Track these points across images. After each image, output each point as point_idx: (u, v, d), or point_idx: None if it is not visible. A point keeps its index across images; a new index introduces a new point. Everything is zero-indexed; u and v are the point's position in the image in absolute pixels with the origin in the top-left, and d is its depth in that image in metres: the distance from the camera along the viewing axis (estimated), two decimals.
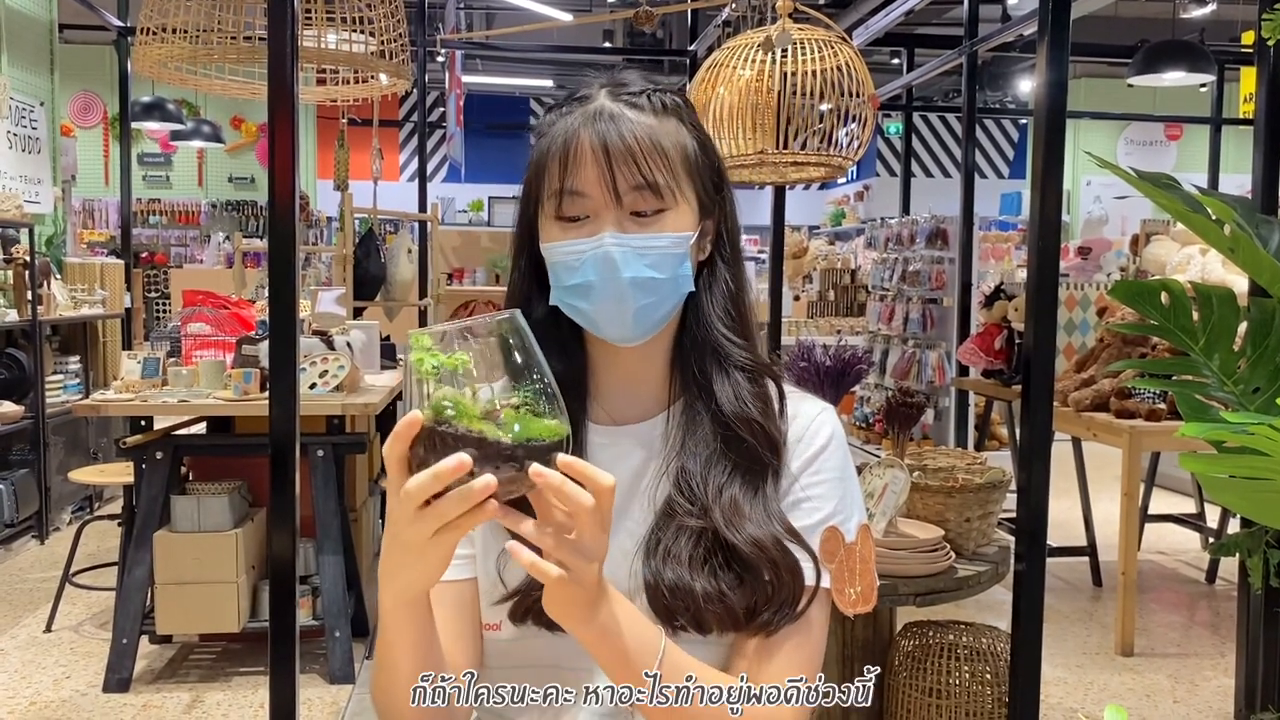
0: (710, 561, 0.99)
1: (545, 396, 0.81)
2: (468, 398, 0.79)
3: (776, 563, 0.99)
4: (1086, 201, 12.02)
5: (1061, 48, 2.08)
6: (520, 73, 12.50)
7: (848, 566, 1.04)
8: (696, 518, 1.00)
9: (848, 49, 2.79)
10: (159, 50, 3.09)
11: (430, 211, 6.07)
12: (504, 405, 0.80)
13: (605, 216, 1.00)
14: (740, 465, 1.03)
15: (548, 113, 1.06)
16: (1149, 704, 3.40)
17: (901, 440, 2.80)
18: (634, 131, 1.00)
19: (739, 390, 1.05)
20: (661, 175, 1.00)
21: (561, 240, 1.01)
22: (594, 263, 0.99)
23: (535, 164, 1.04)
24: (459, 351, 0.80)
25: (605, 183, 0.99)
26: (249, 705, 3.30)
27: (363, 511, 4.35)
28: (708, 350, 1.06)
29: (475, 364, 0.80)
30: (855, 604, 1.03)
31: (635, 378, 1.09)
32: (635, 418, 1.09)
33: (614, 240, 0.99)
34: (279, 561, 2.07)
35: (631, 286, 1.00)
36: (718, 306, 1.07)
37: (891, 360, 6.72)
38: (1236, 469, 1.28)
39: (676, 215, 1.02)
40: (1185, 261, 4.86)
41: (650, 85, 1.05)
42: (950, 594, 2.35)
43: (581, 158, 0.99)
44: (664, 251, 1.01)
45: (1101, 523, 4.86)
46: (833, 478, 1.07)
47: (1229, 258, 1.41)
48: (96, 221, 10.76)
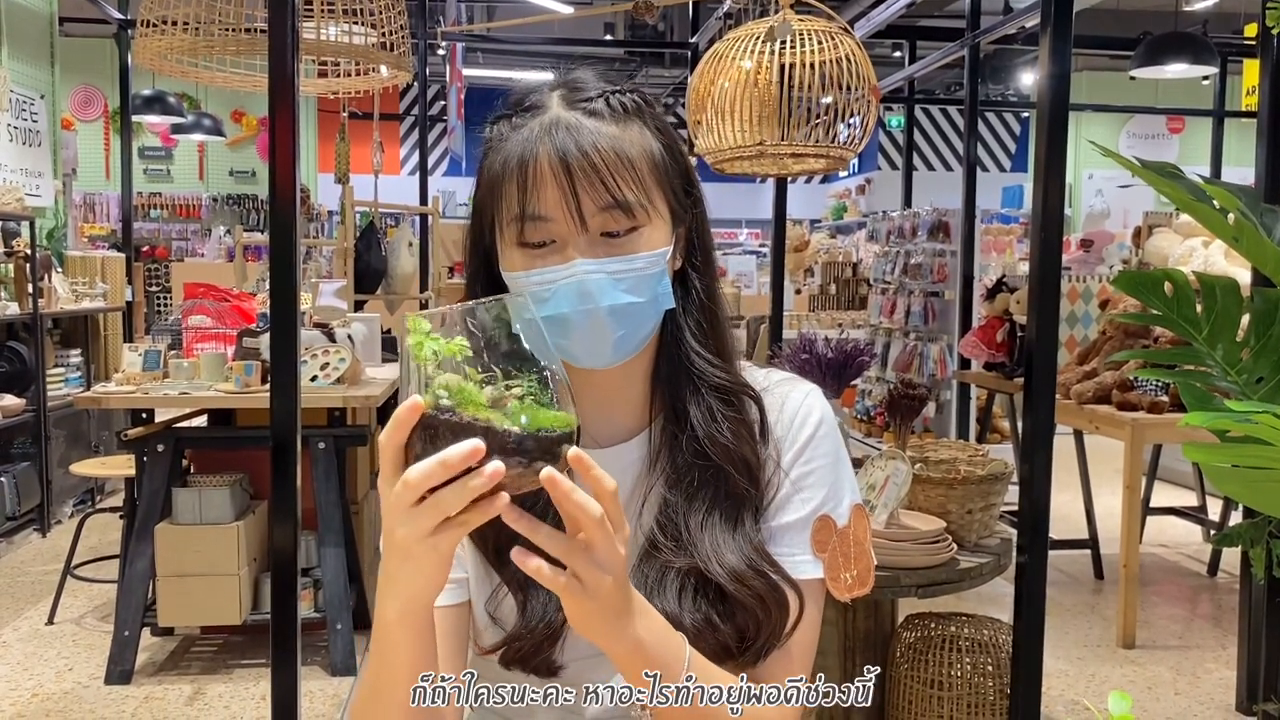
0: (697, 597, 0.96)
1: (551, 384, 0.76)
2: (471, 384, 0.74)
3: (762, 596, 0.96)
4: (1088, 195, 11.99)
5: (1064, 40, 2.08)
6: (521, 66, 12.48)
7: (841, 552, 1.02)
8: (681, 556, 0.97)
9: (850, 40, 2.78)
10: (159, 42, 3.08)
11: (431, 205, 6.06)
12: (509, 394, 0.74)
13: (573, 241, 0.92)
14: (719, 495, 0.98)
15: (494, 122, 0.98)
16: (1150, 696, 3.40)
17: (903, 433, 2.79)
18: (596, 144, 0.91)
19: (714, 413, 0.99)
20: (631, 191, 0.92)
21: (527, 269, 0.93)
22: (567, 293, 0.92)
23: (487, 183, 0.96)
24: (459, 336, 0.75)
25: (569, 206, 0.91)
26: (251, 697, 3.31)
27: (364, 504, 4.36)
28: (681, 371, 1.01)
29: (476, 350, 0.75)
30: (851, 589, 1.02)
31: (613, 399, 1.03)
32: (614, 439, 1.03)
33: (587, 268, 0.91)
34: (281, 553, 2.07)
35: (610, 315, 0.92)
36: (691, 323, 1.01)
37: (893, 353, 6.72)
38: (1240, 458, 1.28)
39: (651, 231, 0.94)
40: (1188, 254, 4.85)
41: (607, 86, 0.97)
42: (952, 586, 2.35)
43: (541, 178, 0.91)
44: (641, 274, 0.93)
45: (1103, 515, 4.86)
46: (824, 464, 1.03)
47: (1233, 247, 1.40)
48: (97, 215, 10.75)
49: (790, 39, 2.68)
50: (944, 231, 6.33)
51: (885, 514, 2.32)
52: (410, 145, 13.18)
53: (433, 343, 0.74)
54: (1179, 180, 1.36)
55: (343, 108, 5.35)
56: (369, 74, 3.65)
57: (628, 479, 1.01)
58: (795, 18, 2.72)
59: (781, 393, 1.05)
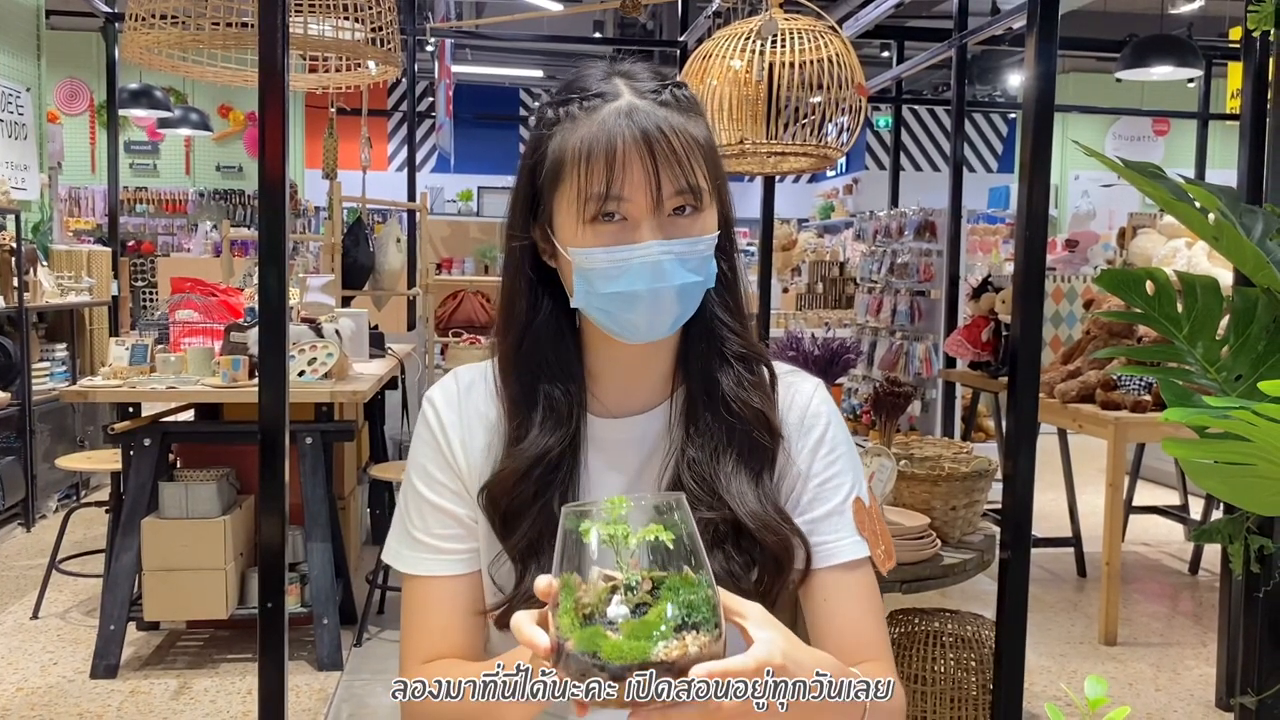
0: (723, 546, 1.01)
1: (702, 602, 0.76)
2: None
3: (781, 541, 1.02)
4: (1074, 196, 12.06)
5: (1050, 40, 2.09)
6: (510, 63, 12.48)
7: (871, 529, 1.08)
8: (710, 507, 1.01)
9: (838, 40, 2.80)
10: (147, 36, 3.08)
11: (419, 201, 6.06)
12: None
13: (646, 221, 0.97)
14: (744, 452, 1.04)
15: (558, 107, 1.01)
16: (1131, 692, 3.44)
17: (889, 430, 2.82)
18: (674, 130, 0.97)
19: (740, 378, 1.06)
20: (700, 176, 0.98)
21: (599, 246, 0.97)
22: (641, 271, 0.96)
23: (558, 159, 0.99)
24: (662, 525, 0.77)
25: (650, 187, 0.95)
26: (237, 691, 3.31)
27: (350, 499, 4.36)
28: (710, 340, 1.07)
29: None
30: (885, 561, 1.09)
31: (641, 370, 1.08)
32: (637, 409, 1.08)
33: (662, 248, 0.96)
34: (269, 548, 2.07)
35: (678, 294, 0.98)
36: (719, 296, 1.07)
37: (879, 352, 6.75)
38: (1218, 454, 1.30)
39: (709, 215, 1.01)
40: (1171, 254, 4.89)
41: (667, 78, 1.02)
42: (936, 581, 2.38)
43: (627, 158, 0.95)
44: (702, 255, 1.00)
45: (1087, 514, 4.89)
46: (845, 450, 1.10)
47: (1213, 246, 1.43)
48: (83, 209, 10.69)
49: (778, 38, 2.70)
50: (930, 231, 6.35)
51: None
52: (398, 141, 13.15)
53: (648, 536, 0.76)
54: (1161, 180, 1.38)
55: (331, 103, 5.35)
56: (358, 69, 3.65)
57: (654, 446, 1.07)
58: (783, 16, 2.74)
59: (789, 383, 1.11)
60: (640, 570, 0.76)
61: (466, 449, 1.06)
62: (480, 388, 1.09)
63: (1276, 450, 1.18)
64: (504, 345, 1.07)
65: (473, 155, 12.38)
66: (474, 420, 1.07)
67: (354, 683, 3.41)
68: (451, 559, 1.05)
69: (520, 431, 1.03)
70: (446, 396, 1.09)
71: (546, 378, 1.04)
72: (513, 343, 1.05)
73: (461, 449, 1.06)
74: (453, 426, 1.07)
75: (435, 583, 1.05)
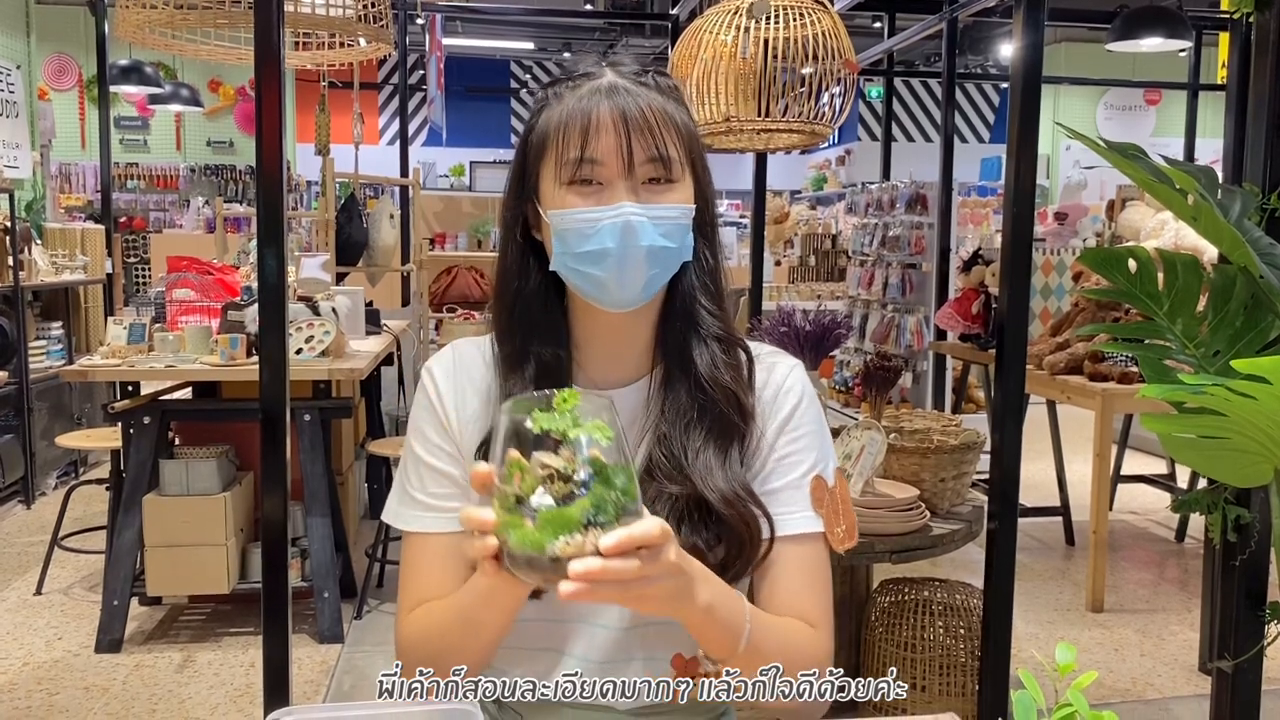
0: (689, 520, 1.06)
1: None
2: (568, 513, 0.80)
3: (747, 521, 1.07)
4: (1066, 166, 12.08)
5: (1038, 9, 2.11)
6: (501, 35, 12.41)
7: (831, 509, 1.13)
8: (675, 481, 1.07)
9: (827, 16, 2.82)
10: (139, 14, 3.08)
11: (412, 176, 6.06)
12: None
13: (619, 185, 1.04)
14: (714, 429, 1.09)
15: (548, 86, 1.10)
16: (1117, 657, 3.51)
17: (879, 403, 2.86)
18: (649, 104, 1.05)
19: (715, 358, 1.11)
20: (673, 149, 1.06)
21: (575, 207, 1.05)
22: (612, 230, 1.03)
23: (541, 134, 1.08)
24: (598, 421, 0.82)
25: (622, 152, 1.03)
26: (239, 665, 3.36)
27: (349, 475, 4.40)
28: (688, 320, 1.12)
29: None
30: (843, 541, 1.13)
31: (621, 343, 1.13)
32: (618, 382, 1.14)
33: (633, 210, 1.03)
34: (271, 523, 2.11)
35: (648, 255, 1.04)
36: (698, 278, 1.13)
37: (871, 325, 6.78)
38: (1195, 428, 1.34)
39: (683, 188, 1.07)
40: (1160, 226, 4.92)
41: (646, 67, 1.11)
42: (925, 551, 2.43)
43: (601, 126, 1.03)
44: (674, 222, 1.06)
45: (1075, 483, 4.96)
46: (810, 431, 1.15)
47: (1192, 226, 1.46)
48: (73, 185, 10.66)
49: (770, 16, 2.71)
50: (921, 204, 6.37)
51: (861, 482, 2.39)
52: (389, 115, 13.11)
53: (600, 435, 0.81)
54: (1140, 161, 1.42)
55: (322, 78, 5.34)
56: (349, 46, 3.65)
57: (631, 419, 1.11)
58: None
59: (769, 362, 1.17)
60: (577, 460, 0.81)
61: (460, 414, 1.13)
62: (477, 358, 1.16)
63: (1250, 424, 1.22)
64: (498, 310, 1.14)
65: (464, 129, 12.35)
66: (468, 388, 1.14)
67: (355, 655, 3.47)
68: (446, 516, 1.11)
69: (514, 388, 1.10)
70: (444, 366, 1.16)
71: (537, 340, 1.11)
72: (506, 306, 1.13)
73: (456, 414, 1.13)
74: (449, 394, 1.14)
75: (431, 538, 1.11)
